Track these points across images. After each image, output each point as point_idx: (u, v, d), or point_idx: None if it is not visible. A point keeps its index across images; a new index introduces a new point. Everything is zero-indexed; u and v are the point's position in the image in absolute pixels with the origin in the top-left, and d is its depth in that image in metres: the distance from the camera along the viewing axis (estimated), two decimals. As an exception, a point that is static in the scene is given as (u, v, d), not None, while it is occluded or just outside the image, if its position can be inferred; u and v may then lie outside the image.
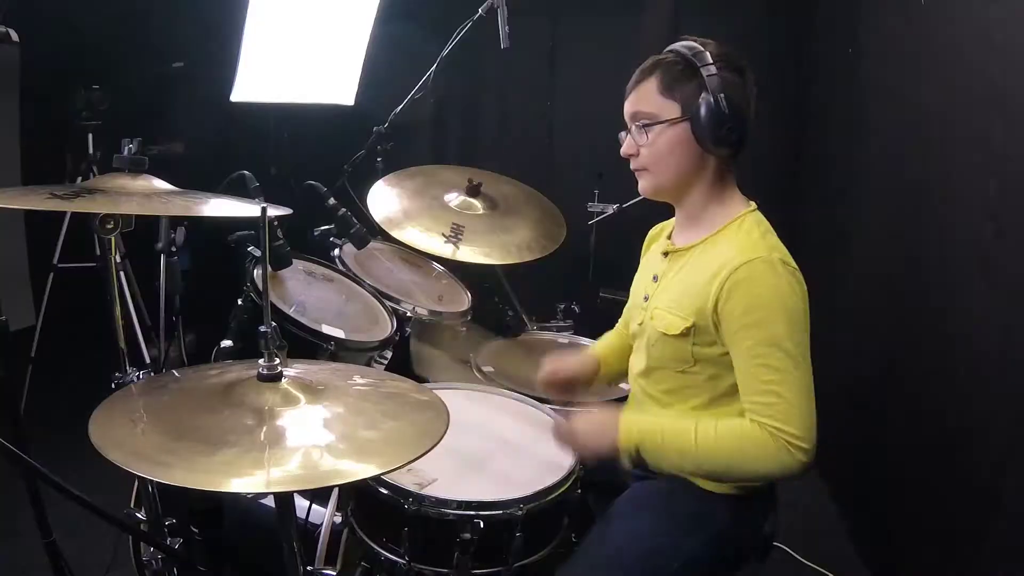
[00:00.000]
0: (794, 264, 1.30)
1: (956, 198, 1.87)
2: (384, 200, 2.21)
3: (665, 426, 1.32)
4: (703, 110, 1.30)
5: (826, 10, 3.07)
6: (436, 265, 2.37)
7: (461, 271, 2.36)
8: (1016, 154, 1.57)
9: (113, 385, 1.29)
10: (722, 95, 1.28)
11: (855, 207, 2.67)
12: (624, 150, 1.42)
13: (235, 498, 1.48)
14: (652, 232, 1.65)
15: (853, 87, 2.66)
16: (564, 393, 1.64)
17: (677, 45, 1.36)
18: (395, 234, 2.10)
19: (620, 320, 1.74)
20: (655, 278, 1.48)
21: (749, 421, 1.26)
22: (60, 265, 2.97)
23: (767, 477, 1.31)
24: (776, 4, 3.26)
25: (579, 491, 1.42)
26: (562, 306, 2.69)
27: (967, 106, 1.81)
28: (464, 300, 2.28)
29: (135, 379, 1.30)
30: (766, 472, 1.27)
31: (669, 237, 1.50)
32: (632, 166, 1.43)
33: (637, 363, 1.51)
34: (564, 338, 2.36)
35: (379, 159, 2.52)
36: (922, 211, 2.08)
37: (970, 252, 1.76)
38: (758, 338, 1.25)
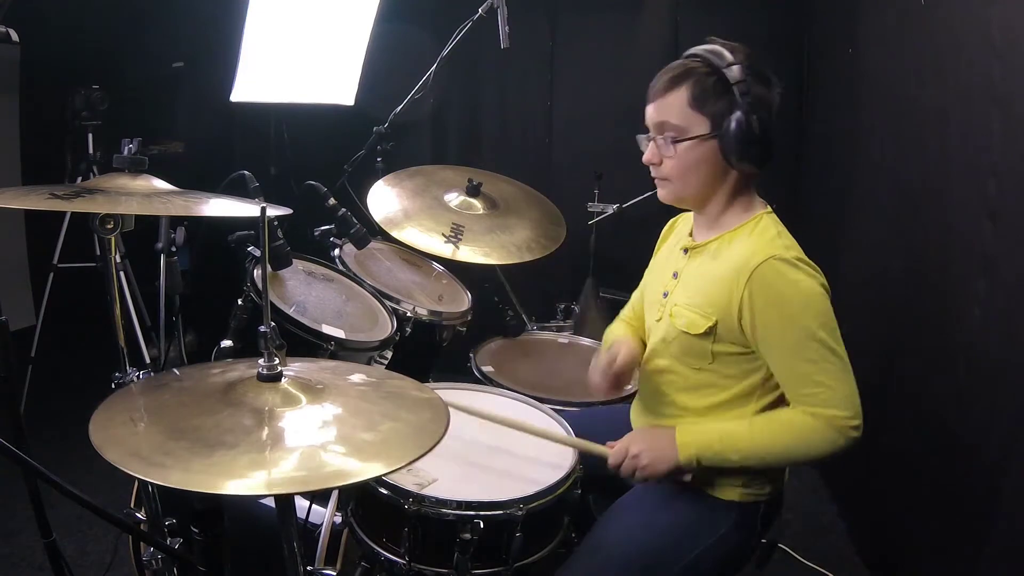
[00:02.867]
0: (810, 261, 1.31)
1: (956, 198, 1.87)
2: (384, 200, 2.21)
3: (722, 433, 1.33)
4: (733, 128, 1.29)
5: (826, 10, 3.07)
6: (436, 265, 2.37)
7: (461, 271, 2.36)
8: (1016, 154, 1.57)
9: (113, 385, 1.29)
10: (755, 116, 1.28)
11: (855, 207, 2.67)
12: (647, 158, 1.41)
13: (235, 498, 1.48)
14: (670, 225, 1.64)
15: (853, 87, 2.66)
16: (615, 387, 1.55)
17: (703, 50, 1.34)
18: (395, 234, 2.10)
19: (627, 309, 1.72)
20: (675, 275, 1.48)
21: (801, 412, 1.29)
22: (60, 265, 2.98)
23: (824, 458, 1.33)
24: (775, 4, 3.26)
25: (579, 491, 1.41)
26: (562, 306, 2.70)
27: (967, 106, 1.80)
28: (464, 300, 2.28)
29: (135, 379, 1.30)
30: (824, 455, 1.31)
31: (690, 234, 1.50)
32: (654, 174, 1.42)
33: (654, 360, 1.50)
34: (564, 338, 2.36)
35: (379, 159, 2.52)
36: (922, 211, 2.08)
37: (970, 252, 1.76)
38: (791, 334, 1.28)
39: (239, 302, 1.66)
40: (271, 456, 0.95)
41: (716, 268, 1.36)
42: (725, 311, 1.32)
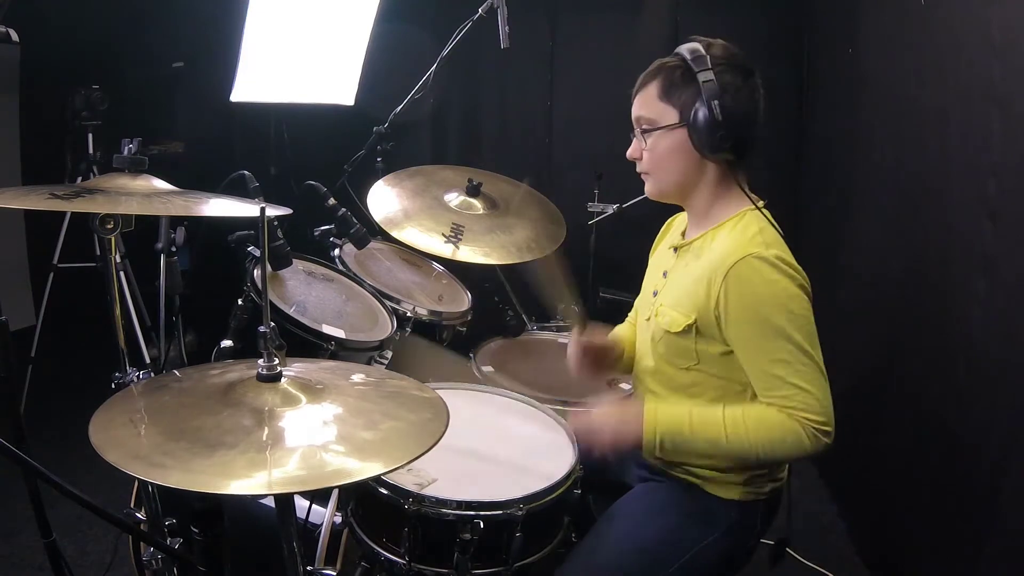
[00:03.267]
0: (791, 260, 1.30)
1: (956, 198, 1.87)
2: (384, 200, 2.21)
3: (693, 417, 1.30)
4: (699, 116, 1.30)
5: (826, 10, 3.07)
6: (436, 265, 2.37)
7: (461, 271, 2.36)
8: (1016, 154, 1.57)
9: (113, 385, 1.29)
10: (716, 102, 1.27)
11: (855, 207, 2.67)
12: (629, 153, 1.43)
13: (235, 498, 1.48)
14: (667, 224, 1.65)
15: (853, 87, 2.66)
16: (594, 366, 1.58)
17: (682, 47, 1.35)
18: (395, 234, 2.10)
19: (631, 314, 1.73)
20: (664, 274, 1.49)
21: (776, 409, 1.27)
22: (60, 265, 2.98)
23: (791, 460, 1.33)
24: (775, 4, 3.26)
25: (579, 491, 1.41)
26: (562, 306, 2.69)
27: (967, 106, 1.80)
28: (464, 300, 2.28)
29: (135, 379, 1.30)
30: (792, 457, 1.29)
31: (683, 233, 1.50)
32: (637, 169, 1.44)
33: (643, 359, 1.51)
34: (564, 338, 2.35)
35: (379, 159, 2.52)
36: (922, 211, 2.08)
37: (970, 252, 1.76)
38: (763, 334, 1.26)
39: (239, 302, 1.66)
40: (271, 456, 0.95)
41: (697, 266, 1.36)
42: (703, 309, 1.31)
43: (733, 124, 1.29)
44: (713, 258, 1.32)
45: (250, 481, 0.91)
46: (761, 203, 1.39)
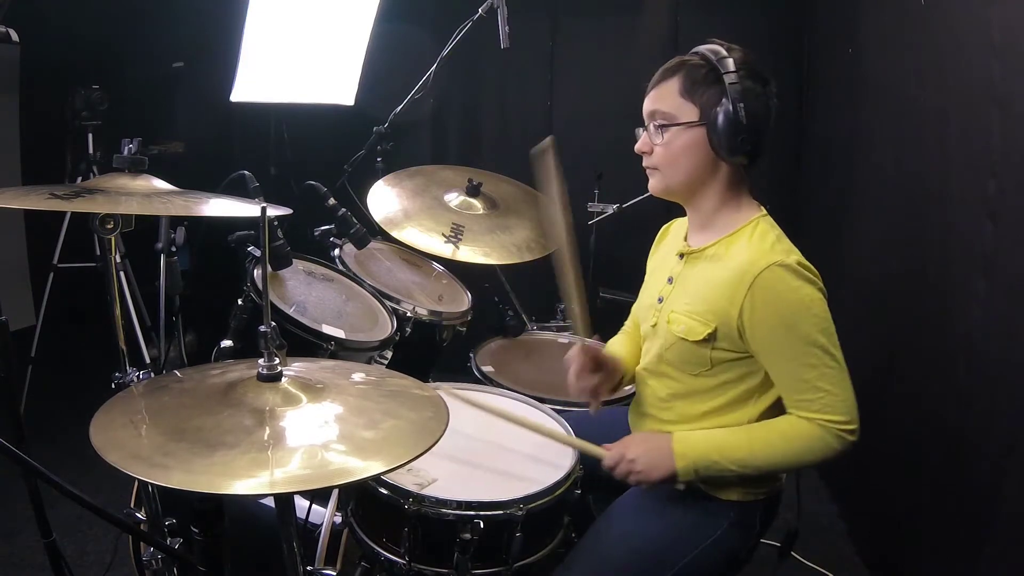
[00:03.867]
0: (809, 264, 1.31)
1: (956, 198, 1.87)
2: (384, 200, 2.21)
3: (719, 443, 1.33)
4: (720, 117, 1.30)
5: (826, 10, 3.07)
6: (436, 265, 2.37)
7: (461, 271, 2.36)
8: (1016, 154, 1.57)
9: (113, 385, 1.29)
10: (741, 104, 1.28)
11: (855, 207, 2.67)
12: (638, 147, 1.42)
13: (235, 498, 1.48)
14: (664, 229, 1.64)
15: (853, 87, 2.66)
16: (592, 374, 1.54)
17: (703, 48, 1.36)
18: (395, 234, 2.10)
19: (628, 321, 1.73)
20: (670, 280, 1.47)
21: (797, 418, 1.30)
22: (60, 265, 2.98)
23: (821, 463, 1.35)
24: (775, 4, 3.26)
25: (579, 491, 1.41)
26: (562, 306, 2.69)
27: (967, 106, 1.80)
28: (464, 300, 2.28)
29: (135, 379, 1.30)
30: (820, 460, 1.32)
31: (685, 238, 1.49)
32: (644, 163, 1.43)
33: (647, 365, 1.50)
34: (564, 338, 2.36)
35: (379, 159, 2.53)
36: (922, 211, 2.08)
37: (970, 252, 1.76)
38: (792, 341, 1.28)
39: (239, 302, 1.66)
40: (272, 456, 0.95)
41: (715, 274, 1.36)
42: (725, 317, 1.31)
43: (753, 129, 1.30)
44: (733, 267, 1.32)
45: (251, 481, 0.91)
46: (764, 209, 1.40)
